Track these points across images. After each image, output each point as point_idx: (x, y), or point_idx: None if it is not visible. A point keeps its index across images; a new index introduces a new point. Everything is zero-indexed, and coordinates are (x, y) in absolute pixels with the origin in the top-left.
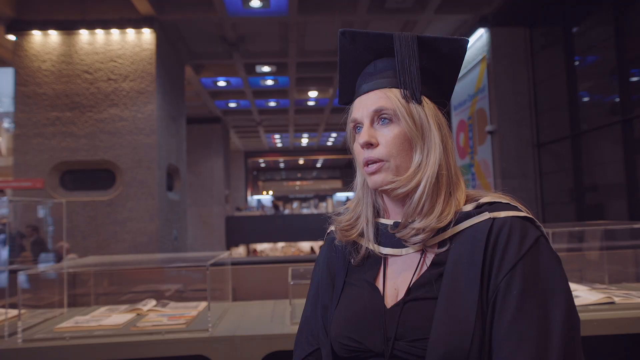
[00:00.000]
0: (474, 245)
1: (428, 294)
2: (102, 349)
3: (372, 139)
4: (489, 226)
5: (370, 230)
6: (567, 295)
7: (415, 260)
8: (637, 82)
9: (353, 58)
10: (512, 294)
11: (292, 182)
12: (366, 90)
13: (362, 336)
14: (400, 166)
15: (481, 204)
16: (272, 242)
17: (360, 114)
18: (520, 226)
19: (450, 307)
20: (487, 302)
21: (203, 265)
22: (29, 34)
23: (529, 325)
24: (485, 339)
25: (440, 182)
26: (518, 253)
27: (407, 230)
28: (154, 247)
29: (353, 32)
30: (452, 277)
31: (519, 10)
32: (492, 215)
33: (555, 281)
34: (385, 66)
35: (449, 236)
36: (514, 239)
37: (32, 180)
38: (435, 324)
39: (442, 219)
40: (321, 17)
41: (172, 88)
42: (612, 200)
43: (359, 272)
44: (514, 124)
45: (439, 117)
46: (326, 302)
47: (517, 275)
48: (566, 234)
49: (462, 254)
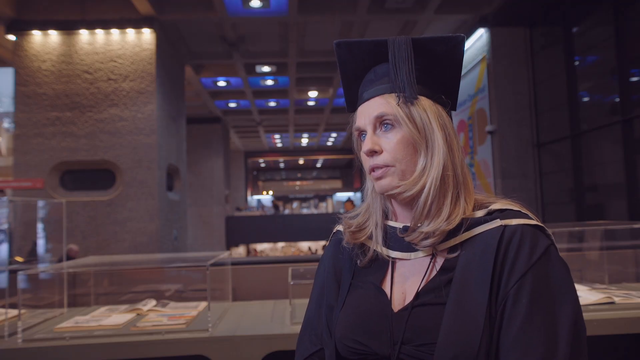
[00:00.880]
0: (484, 251)
1: (437, 299)
2: (102, 349)
3: (375, 147)
4: (500, 233)
5: (379, 233)
6: (575, 305)
7: (425, 265)
8: (637, 82)
9: (352, 68)
10: (521, 302)
11: (292, 182)
12: (367, 98)
13: (368, 339)
14: (405, 170)
15: (492, 211)
16: (272, 242)
17: (363, 121)
18: (531, 235)
19: (458, 312)
20: (495, 309)
21: (203, 265)
22: (29, 34)
23: (537, 334)
24: (492, 345)
25: (446, 183)
26: (529, 261)
27: (416, 234)
28: (154, 247)
29: (348, 43)
30: (461, 283)
31: (519, 10)
32: (504, 223)
33: (564, 291)
34: (384, 72)
35: (460, 242)
36: (525, 247)
37: (32, 180)
38: (443, 329)
39: (451, 221)
40: (321, 17)
41: (172, 88)
42: (612, 200)
43: (366, 274)
44: (514, 124)
45: (442, 117)
46: (331, 302)
47: (527, 283)
48: (566, 234)
49: (472, 260)
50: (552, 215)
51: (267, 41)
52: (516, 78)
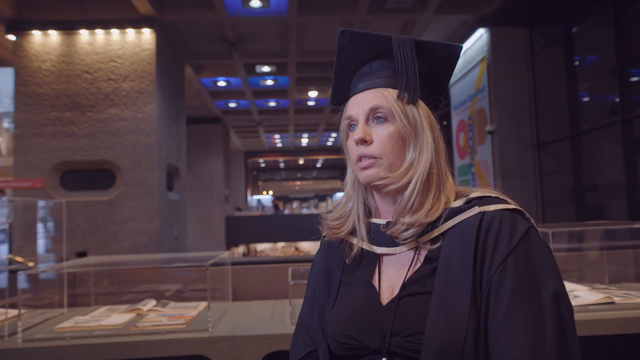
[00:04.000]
0: (465, 239)
1: (422, 289)
2: (102, 349)
3: (366, 136)
4: (479, 220)
5: (363, 229)
6: (559, 285)
7: (409, 258)
8: (637, 82)
9: (350, 58)
10: (505, 286)
11: (292, 182)
12: (362, 89)
13: (359, 334)
14: (393, 164)
15: (471, 199)
16: (272, 242)
17: (356, 111)
18: (510, 218)
19: (443, 301)
20: (480, 295)
21: (203, 265)
22: (29, 34)
23: (524, 315)
24: (480, 331)
25: (431, 180)
26: (509, 245)
27: (397, 226)
28: (154, 247)
29: (353, 32)
30: (444, 272)
31: (519, 10)
32: (482, 209)
33: (547, 271)
34: (381, 67)
35: (441, 232)
36: (504, 232)
37: (32, 180)
38: (429, 319)
39: (431, 214)
40: (321, 17)
41: (172, 88)
42: (612, 200)
43: (355, 271)
44: (514, 124)
45: (432, 119)
46: (323, 302)
47: (509, 267)
48: (566, 234)
49: (454, 249)
50: (552, 215)
51: (267, 41)
52: (516, 78)
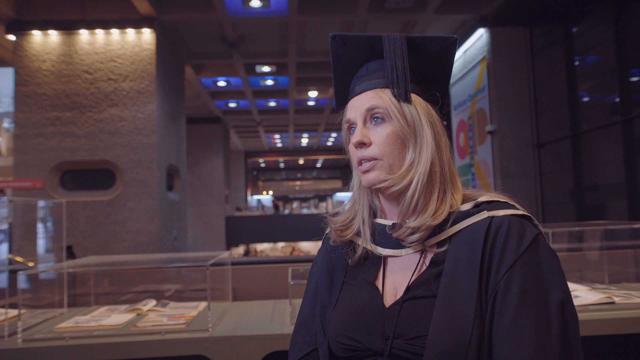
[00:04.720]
0: (472, 243)
1: (427, 293)
2: (102, 349)
3: (364, 139)
4: (487, 225)
5: (367, 230)
6: (565, 293)
7: (415, 260)
8: (637, 82)
9: (345, 62)
10: (512, 293)
11: (292, 182)
12: (359, 92)
13: (360, 335)
14: (393, 165)
15: (479, 203)
16: (272, 242)
17: (354, 114)
18: (519, 225)
19: (448, 305)
20: (486, 300)
21: (203, 265)
22: (29, 34)
23: (529, 323)
24: (484, 336)
25: (433, 179)
26: (517, 251)
27: (403, 229)
28: (153, 247)
29: (343, 36)
30: (450, 276)
31: (519, 10)
32: (491, 214)
33: (554, 279)
34: (377, 67)
35: (448, 236)
36: (513, 238)
37: (32, 180)
38: (433, 322)
39: (437, 216)
40: (321, 17)
41: (172, 88)
42: (612, 200)
43: (358, 272)
44: (514, 124)
45: (432, 115)
46: (325, 302)
47: (516, 273)
48: (566, 234)
49: (460, 253)
50: (552, 215)
51: (267, 41)
52: (516, 78)
